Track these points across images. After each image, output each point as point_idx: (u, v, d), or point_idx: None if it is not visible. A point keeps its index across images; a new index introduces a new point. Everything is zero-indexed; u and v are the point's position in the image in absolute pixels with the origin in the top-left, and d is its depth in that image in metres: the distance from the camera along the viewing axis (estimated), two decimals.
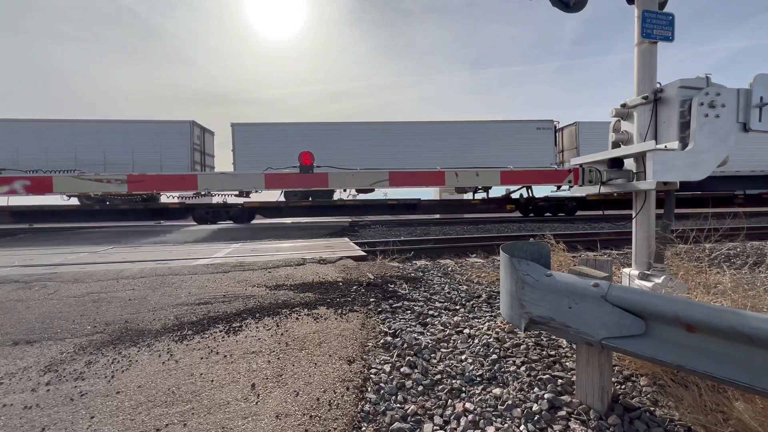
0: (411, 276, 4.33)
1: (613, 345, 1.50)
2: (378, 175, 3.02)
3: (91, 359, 2.23)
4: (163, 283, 3.83)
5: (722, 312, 1.27)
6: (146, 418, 1.66)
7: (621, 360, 2.13)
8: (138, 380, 1.99)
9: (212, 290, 3.57)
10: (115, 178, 2.69)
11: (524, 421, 1.69)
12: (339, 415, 1.69)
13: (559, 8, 3.07)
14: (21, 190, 2.63)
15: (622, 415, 1.70)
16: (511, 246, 1.92)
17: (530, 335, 2.52)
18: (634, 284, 2.57)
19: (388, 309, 3.13)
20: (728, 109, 2.22)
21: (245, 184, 3.02)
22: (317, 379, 1.98)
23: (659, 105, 2.47)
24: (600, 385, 1.70)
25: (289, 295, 3.44)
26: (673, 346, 1.38)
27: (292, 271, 4.36)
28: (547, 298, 1.65)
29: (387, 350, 2.37)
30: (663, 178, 2.26)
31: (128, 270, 4.43)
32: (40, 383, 1.97)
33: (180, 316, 2.92)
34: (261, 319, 2.83)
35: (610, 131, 2.83)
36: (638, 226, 2.66)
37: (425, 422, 1.70)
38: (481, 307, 3.20)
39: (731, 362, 1.24)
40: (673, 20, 2.57)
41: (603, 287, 1.53)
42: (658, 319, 1.42)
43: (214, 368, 2.11)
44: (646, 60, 2.58)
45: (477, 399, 1.86)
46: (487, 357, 2.26)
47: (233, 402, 1.78)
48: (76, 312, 3.01)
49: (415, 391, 1.93)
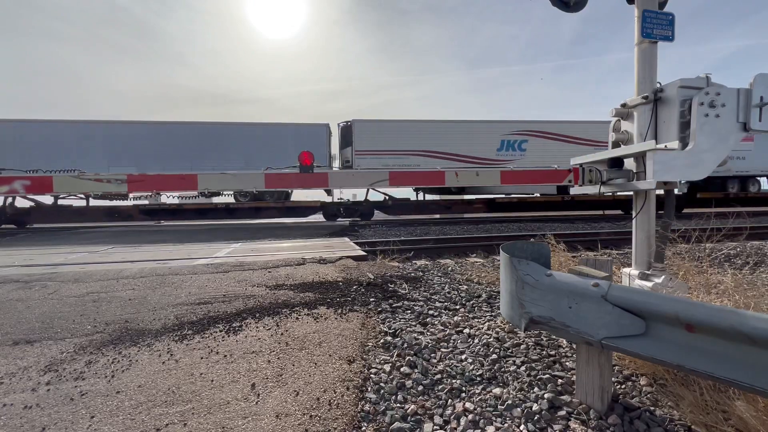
0: (411, 276, 4.33)
1: (613, 345, 1.49)
2: (378, 174, 3.02)
3: (92, 359, 2.23)
4: (163, 282, 3.83)
5: (722, 312, 1.27)
6: (146, 418, 1.66)
7: (621, 360, 2.13)
8: (138, 380, 1.99)
9: (212, 290, 3.57)
10: (115, 179, 2.69)
11: (524, 420, 1.69)
12: (339, 415, 1.69)
13: (559, 8, 3.07)
14: (21, 189, 2.64)
15: (622, 414, 1.69)
16: (511, 246, 1.92)
17: (530, 335, 2.52)
18: (635, 284, 2.57)
19: (388, 309, 3.13)
20: (728, 109, 2.22)
21: (245, 184, 3.03)
22: (317, 379, 1.98)
23: (659, 105, 2.46)
24: (600, 384, 1.70)
25: (289, 294, 3.44)
26: (674, 345, 1.38)
27: (292, 270, 4.36)
28: (547, 298, 1.65)
29: (387, 350, 2.37)
30: (663, 177, 2.26)
31: (128, 270, 4.43)
32: (40, 383, 1.97)
33: (180, 315, 2.92)
34: (261, 318, 2.83)
35: (610, 131, 2.83)
36: (638, 225, 2.65)
37: (425, 422, 1.70)
38: (481, 307, 3.20)
39: (731, 362, 1.24)
40: (673, 20, 2.57)
41: (603, 287, 1.53)
42: (658, 318, 1.41)
43: (214, 368, 2.11)
44: (646, 60, 2.58)
45: (477, 399, 1.86)
46: (487, 357, 2.26)
47: (233, 402, 1.78)
48: (76, 312, 3.02)
49: (415, 390, 1.93)
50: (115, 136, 14.12)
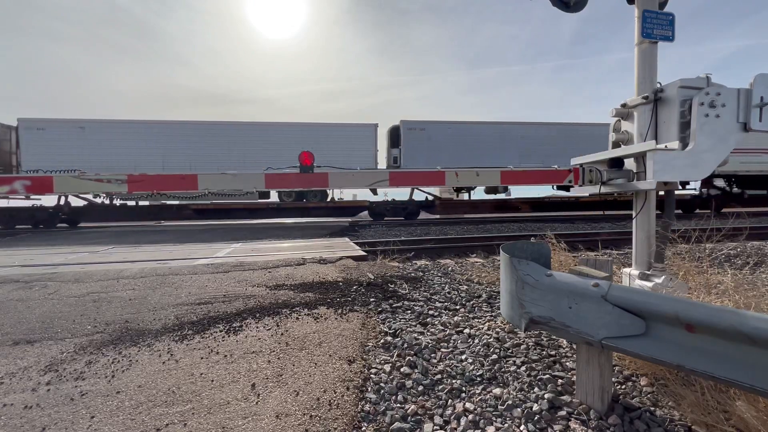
0: (411, 276, 4.33)
1: (614, 345, 1.49)
2: (378, 174, 3.02)
3: (92, 359, 2.23)
4: (163, 282, 3.83)
5: (722, 312, 1.27)
6: (146, 418, 1.66)
7: (621, 360, 2.12)
8: (138, 380, 1.99)
9: (212, 290, 3.57)
10: (115, 178, 2.69)
11: (524, 421, 1.69)
12: (339, 415, 1.69)
13: (560, 8, 3.07)
14: (21, 189, 2.64)
15: (623, 415, 1.69)
16: (511, 246, 1.92)
17: (530, 335, 2.52)
18: (635, 284, 2.57)
19: (388, 309, 3.13)
20: (728, 109, 2.22)
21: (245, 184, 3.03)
22: (317, 379, 1.98)
23: (659, 105, 2.46)
24: (600, 384, 1.70)
25: (290, 295, 3.44)
26: (674, 346, 1.37)
27: (292, 270, 4.36)
28: (547, 298, 1.65)
29: (387, 350, 2.37)
30: (663, 178, 2.26)
31: (128, 270, 4.43)
32: (40, 383, 1.97)
33: (180, 315, 2.92)
34: (261, 318, 2.83)
35: (611, 131, 2.83)
36: (638, 225, 2.65)
37: (425, 422, 1.70)
38: (481, 307, 3.20)
39: (732, 362, 1.24)
40: (673, 20, 2.57)
41: (603, 287, 1.53)
42: (659, 319, 1.41)
43: (214, 368, 2.11)
44: (647, 60, 2.58)
45: (477, 399, 1.86)
46: (487, 357, 2.26)
47: (233, 402, 1.78)
48: (77, 312, 3.02)
49: (415, 390, 1.93)
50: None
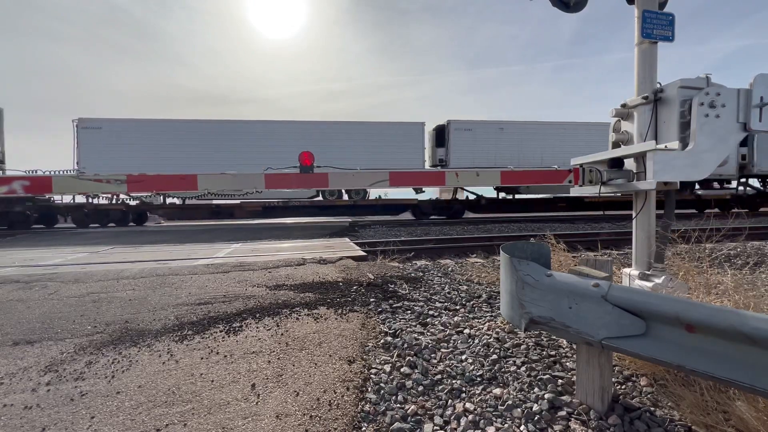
0: (411, 276, 4.33)
1: (614, 345, 1.49)
2: (378, 174, 3.02)
3: (92, 359, 2.23)
4: (163, 283, 3.83)
5: (722, 312, 1.27)
6: (146, 418, 1.66)
7: (621, 360, 2.12)
8: (138, 380, 1.99)
9: (212, 290, 3.57)
10: (114, 179, 2.69)
11: (524, 421, 1.69)
12: (339, 415, 1.69)
13: (559, 8, 3.07)
14: (20, 189, 2.63)
15: (623, 415, 1.69)
16: (511, 246, 1.92)
17: (530, 335, 2.52)
18: (635, 284, 2.57)
19: (388, 309, 3.13)
20: (728, 109, 2.22)
21: (245, 184, 3.02)
22: (317, 379, 1.98)
23: (659, 105, 2.46)
24: (600, 385, 1.70)
25: (290, 295, 3.44)
26: (674, 346, 1.37)
27: (292, 271, 4.36)
28: (547, 298, 1.65)
29: (387, 350, 2.37)
30: (663, 178, 2.26)
31: (128, 270, 4.43)
32: (40, 383, 1.96)
33: (180, 316, 2.92)
34: (261, 319, 2.83)
35: (611, 131, 2.83)
36: (638, 226, 2.65)
37: (425, 422, 1.70)
38: (481, 307, 3.20)
39: (732, 362, 1.24)
40: (673, 20, 2.57)
41: (603, 287, 1.53)
42: (659, 319, 1.41)
43: (214, 368, 2.11)
44: (647, 60, 2.58)
45: (477, 399, 1.86)
46: (487, 357, 2.26)
47: (233, 402, 1.78)
48: (77, 312, 3.01)
49: (415, 391, 1.93)
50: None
